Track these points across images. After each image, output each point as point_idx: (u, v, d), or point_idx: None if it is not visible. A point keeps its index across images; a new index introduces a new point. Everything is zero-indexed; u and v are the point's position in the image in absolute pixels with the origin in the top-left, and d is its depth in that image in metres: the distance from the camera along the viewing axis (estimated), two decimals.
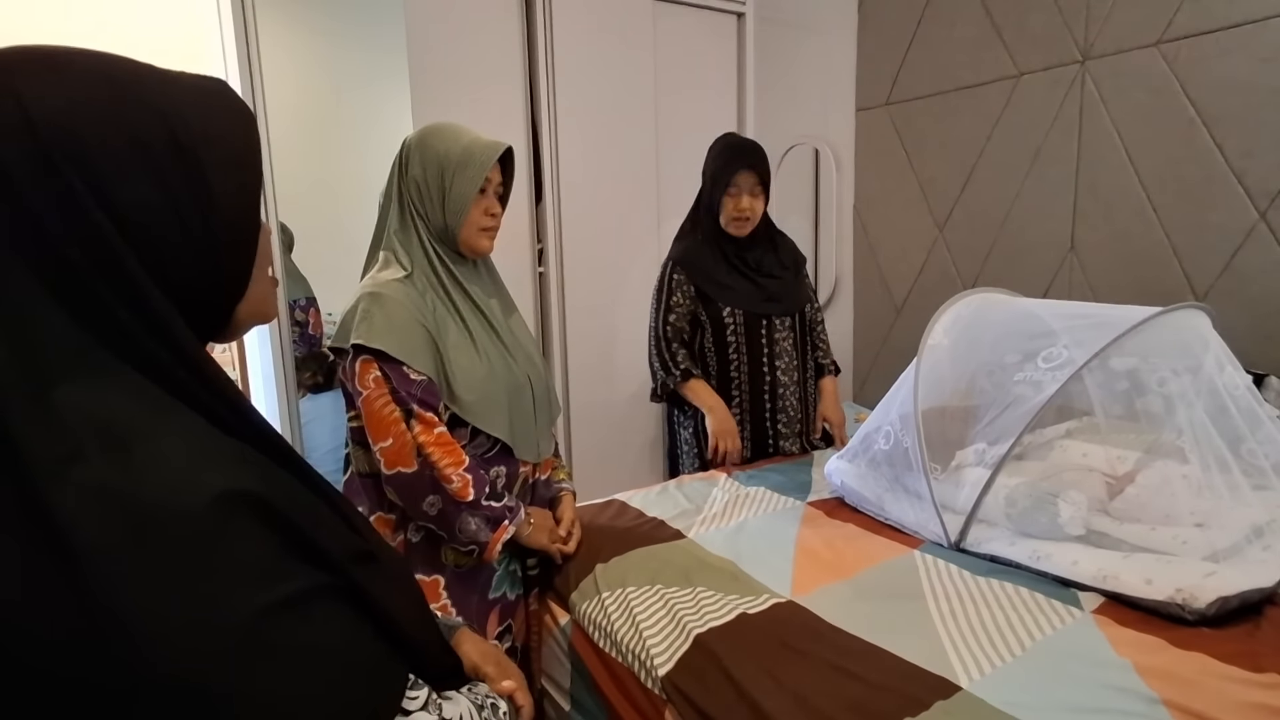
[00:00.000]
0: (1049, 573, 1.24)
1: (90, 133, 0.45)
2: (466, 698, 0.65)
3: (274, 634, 0.46)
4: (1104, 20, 1.98)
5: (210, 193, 0.50)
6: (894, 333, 2.69)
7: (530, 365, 1.36)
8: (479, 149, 1.26)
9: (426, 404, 1.19)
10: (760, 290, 1.93)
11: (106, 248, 0.46)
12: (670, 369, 1.90)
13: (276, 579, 0.47)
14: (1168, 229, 1.92)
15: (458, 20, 2.34)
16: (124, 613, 0.41)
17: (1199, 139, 1.83)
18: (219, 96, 0.54)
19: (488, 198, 1.29)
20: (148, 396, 0.47)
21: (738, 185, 1.87)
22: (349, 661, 0.51)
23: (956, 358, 1.57)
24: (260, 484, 0.48)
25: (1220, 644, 1.02)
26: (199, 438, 0.48)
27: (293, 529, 0.49)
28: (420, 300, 1.23)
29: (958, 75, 2.36)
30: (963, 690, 0.96)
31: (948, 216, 2.46)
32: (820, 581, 1.28)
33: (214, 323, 0.55)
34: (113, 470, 0.43)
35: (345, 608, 0.52)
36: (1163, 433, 1.36)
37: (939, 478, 1.44)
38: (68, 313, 0.45)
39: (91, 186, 0.45)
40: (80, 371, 0.45)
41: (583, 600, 1.31)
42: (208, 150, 0.50)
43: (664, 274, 1.96)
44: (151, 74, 0.51)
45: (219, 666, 0.43)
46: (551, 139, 2.56)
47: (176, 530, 0.43)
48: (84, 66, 0.48)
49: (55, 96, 0.45)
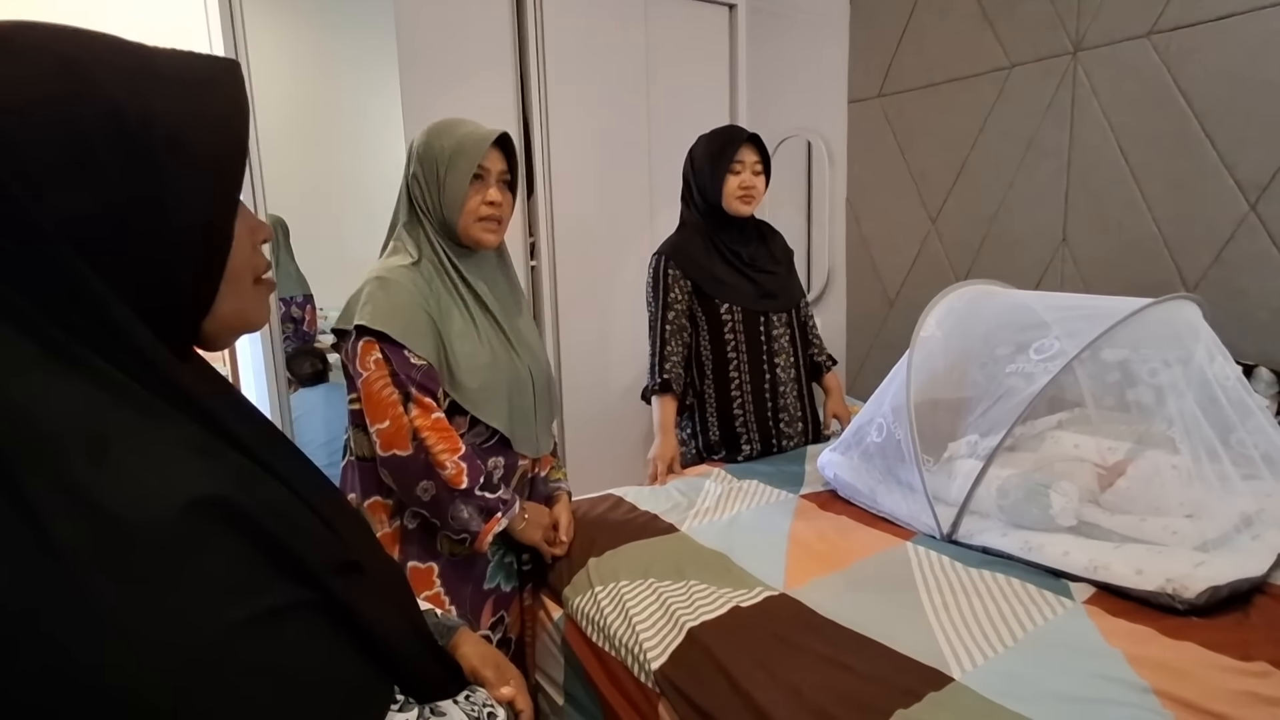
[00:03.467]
0: (1040, 564, 1.25)
1: (24, 126, 0.41)
2: (463, 709, 0.63)
3: (241, 651, 0.43)
4: (1095, 11, 1.98)
5: (165, 199, 0.45)
6: (886, 325, 2.69)
7: (533, 360, 1.36)
8: (471, 139, 1.25)
9: (425, 388, 1.19)
10: (757, 287, 1.91)
11: (51, 253, 0.42)
12: (655, 373, 1.88)
13: (248, 593, 0.44)
14: (1159, 220, 1.93)
15: (448, 11, 2.32)
16: (83, 621, 0.39)
17: (1190, 130, 1.83)
18: (205, 88, 0.49)
19: (486, 186, 1.27)
20: (124, 398, 0.45)
21: (742, 161, 1.84)
22: (324, 680, 0.49)
23: (949, 350, 1.57)
24: (237, 490, 0.45)
25: (1210, 633, 1.03)
26: (172, 444, 0.45)
27: (269, 539, 0.46)
28: (425, 287, 1.23)
29: (950, 67, 2.36)
30: (955, 681, 0.96)
31: (940, 208, 2.46)
32: (813, 574, 1.28)
33: (181, 334, 0.51)
34: (83, 473, 0.41)
35: (323, 624, 0.50)
36: (1153, 423, 1.37)
37: (931, 469, 1.44)
38: (40, 315, 0.43)
39: (28, 185, 0.42)
40: (50, 374, 0.43)
41: (576, 595, 1.31)
42: (170, 154, 0.45)
43: (658, 268, 1.91)
44: (124, 59, 0.46)
45: (180, 684, 0.41)
46: (543, 131, 2.55)
47: (143, 538, 0.41)
48: (37, 45, 0.43)
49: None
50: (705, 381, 1.92)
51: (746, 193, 1.85)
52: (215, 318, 0.51)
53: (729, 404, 1.90)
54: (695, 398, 1.94)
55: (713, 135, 1.91)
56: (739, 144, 1.83)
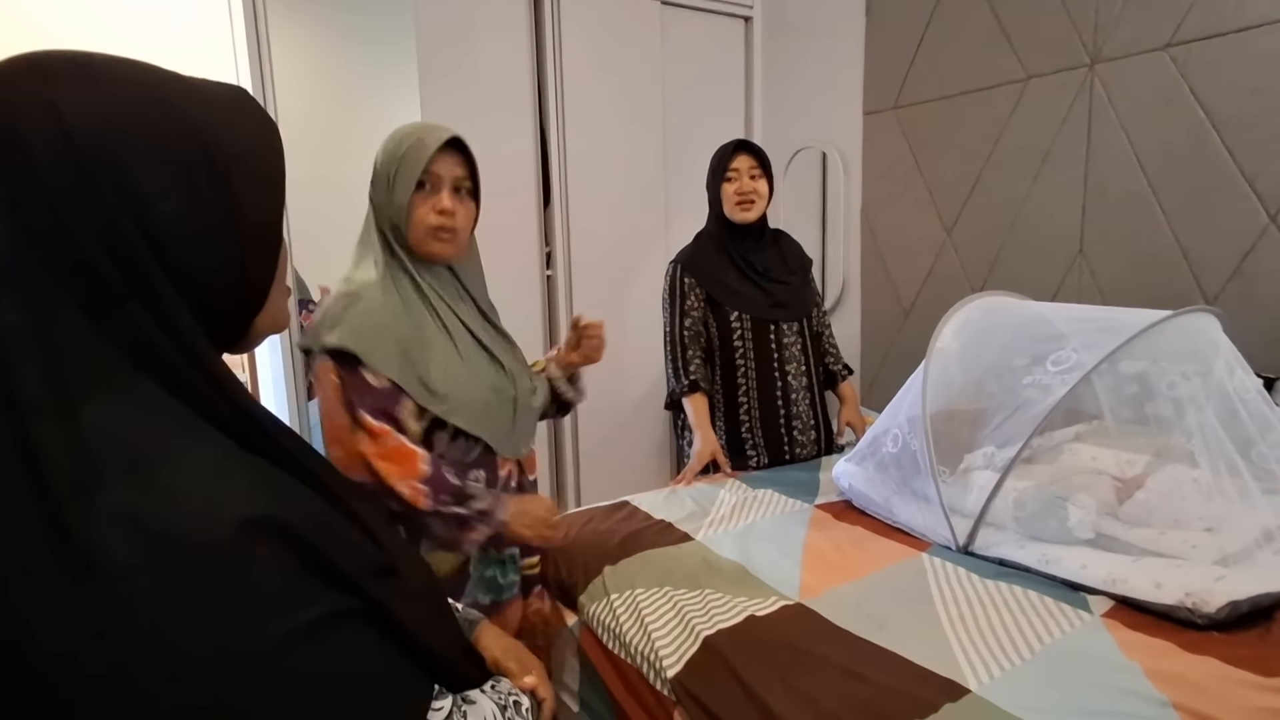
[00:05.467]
0: (1058, 576, 1.24)
1: (127, 147, 0.45)
2: (490, 698, 0.66)
3: (295, 661, 0.45)
4: (1113, 24, 1.98)
5: (239, 208, 0.50)
6: (901, 336, 2.69)
7: (511, 364, 1.30)
8: (415, 144, 1.16)
9: (383, 412, 1.12)
10: (768, 296, 1.93)
11: (138, 264, 0.45)
12: (680, 376, 1.90)
13: (298, 606, 0.47)
14: (1177, 232, 1.92)
15: (467, 25, 2.36)
16: (143, 639, 0.41)
17: (1209, 142, 1.83)
18: (244, 107, 0.53)
19: (434, 194, 1.17)
20: (172, 415, 0.47)
21: (736, 169, 1.88)
22: (372, 684, 0.51)
23: (965, 361, 1.57)
24: (283, 508, 0.48)
25: (1231, 648, 1.02)
26: (223, 460, 0.48)
27: (315, 553, 0.49)
28: (397, 299, 1.17)
29: (965, 79, 2.36)
30: (972, 693, 0.96)
31: (956, 220, 2.46)
32: (828, 584, 1.28)
33: (232, 334, 0.55)
34: (136, 496, 0.43)
35: (366, 628, 0.52)
36: (1172, 436, 1.36)
37: (947, 481, 1.44)
38: (96, 329, 0.45)
39: (126, 201, 0.45)
40: (106, 390, 0.45)
41: (591, 602, 1.31)
42: (239, 165, 0.50)
43: (673, 277, 1.96)
44: (177, 83, 0.50)
45: (238, 695, 0.43)
46: (560, 143, 2.57)
47: (199, 557, 0.43)
48: (117, 75, 0.47)
49: (92, 107, 0.44)
50: (714, 389, 1.94)
51: (744, 199, 1.88)
52: (266, 313, 0.56)
53: (735, 410, 1.91)
54: None
55: (715, 152, 1.96)
56: (730, 155, 1.88)
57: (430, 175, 1.17)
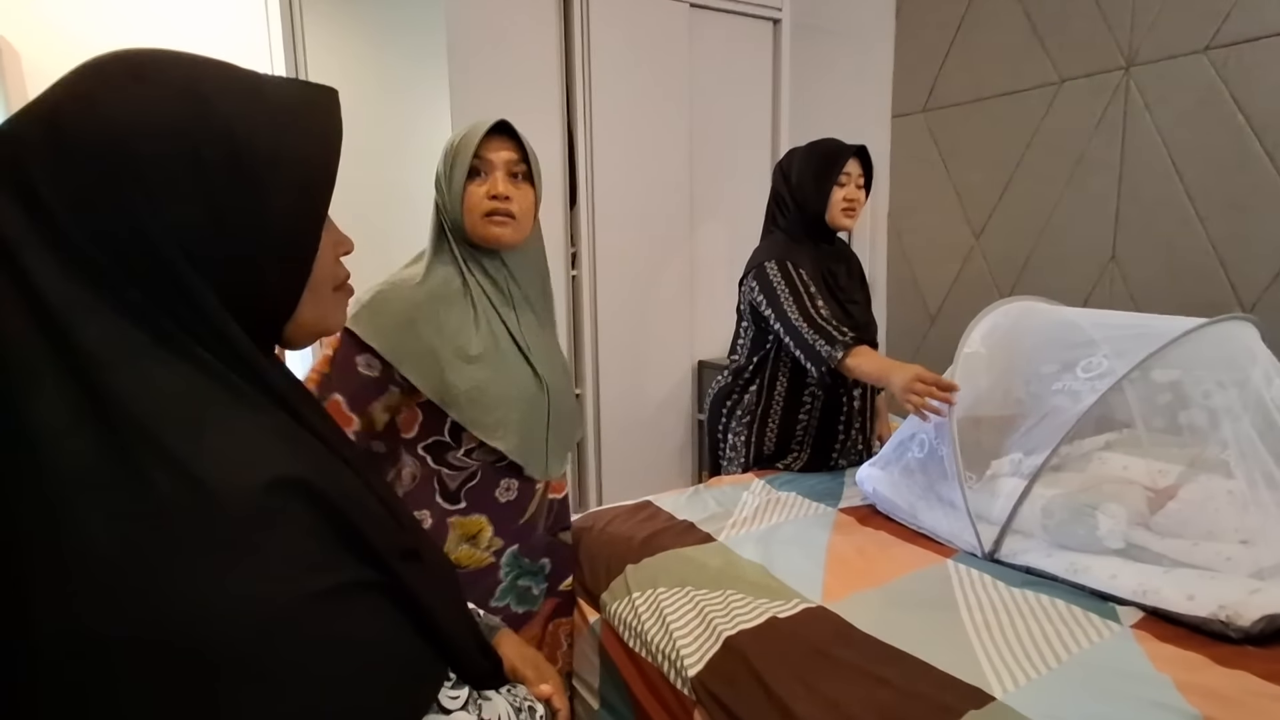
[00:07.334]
0: (1086, 586, 1.22)
1: (150, 149, 0.46)
2: (505, 699, 0.66)
3: (309, 620, 0.46)
4: (1149, 26, 1.95)
5: (263, 214, 0.50)
6: (928, 341, 2.66)
7: (551, 377, 1.25)
8: (469, 132, 1.18)
9: (356, 401, 1.12)
10: (849, 317, 1.83)
11: (161, 255, 0.47)
12: (835, 341, 1.66)
13: (322, 569, 0.48)
14: (1213, 239, 1.88)
15: (497, 27, 2.38)
16: (167, 579, 0.43)
17: (1248, 147, 1.79)
18: (305, 115, 0.53)
19: (488, 179, 1.18)
20: (221, 385, 0.49)
21: (848, 173, 1.83)
22: (387, 655, 0.52)
23: (993, 366, 1.55)
24: (316, 474, 0.49)
25: (1266, 663, 1.00)
26: (262, 428, 0.49)
27: (342, 520, 0.50)
28: (430, 294, 1.16)
29: (997, 81, 2.34)
30: (996, 700, 0.95)
31: (985, 224, 2.43)
32: (852, 588, 1.27)
33: (267, 336, 0.55)
34: (183, 446, 0.45)
35: (385, 603, 0.53)
36: (1207, 446, 1.33)
37: (974, 487, 1.43)
38: (138, 309, 0.47)
39: (146, 195, 0.46)
40: (157, 359, 0.47)
41: (613, 600, 1.32)
42: (271, 172, 0.50)
43: (782, 268, 1.78)
44: (241, 87, 0.51)
45: (251, 649, 0.44)
46: (587, 143, 2.59)
47: (228, 506, 0.44)
48: (168, 77, 0.48)
49: (128, 108, 0.46)
50: (777, 388, 1.88)
51: (850, 205, 1.84)
52: (296, 322, 0.56)
53: (797, 409, 1.87)
54: (762, 405, 1.90)
55: (814, 147, 1.88)
56: (847, 156, 1.83)
57: (482, 161, 1.17)
